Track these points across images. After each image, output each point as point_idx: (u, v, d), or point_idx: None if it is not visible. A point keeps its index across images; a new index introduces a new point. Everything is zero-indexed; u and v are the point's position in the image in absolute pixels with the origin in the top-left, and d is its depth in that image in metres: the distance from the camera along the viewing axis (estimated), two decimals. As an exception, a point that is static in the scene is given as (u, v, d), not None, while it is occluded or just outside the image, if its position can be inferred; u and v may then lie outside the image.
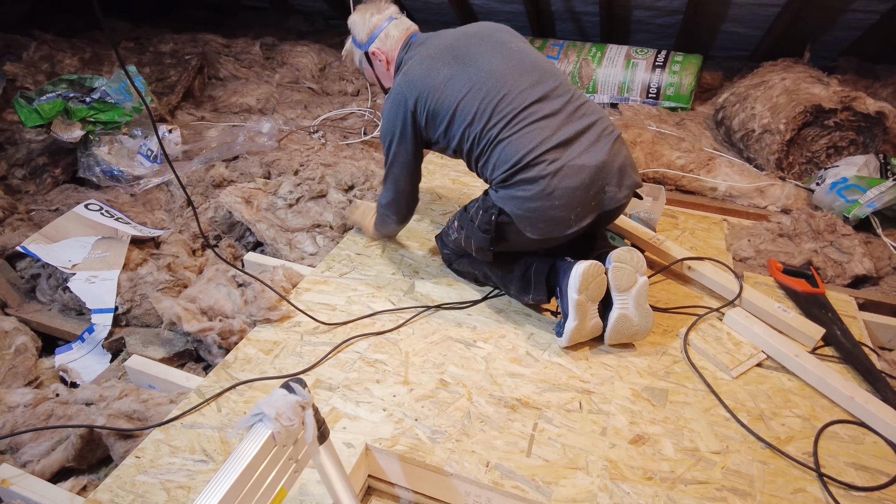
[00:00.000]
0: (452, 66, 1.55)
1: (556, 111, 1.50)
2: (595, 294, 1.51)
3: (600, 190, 1.49)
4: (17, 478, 1.24)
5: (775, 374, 1.54)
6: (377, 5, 1.74)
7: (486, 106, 1.50)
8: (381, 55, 1.72)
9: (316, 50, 3.78)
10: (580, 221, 1.49)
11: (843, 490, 1.24)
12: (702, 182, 2.42)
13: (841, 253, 1.98)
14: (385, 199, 1.79)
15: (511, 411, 1.39)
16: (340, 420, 1.35)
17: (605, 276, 1.51)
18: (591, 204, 1.49)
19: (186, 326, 1.58)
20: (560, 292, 1.54)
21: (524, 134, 1.47)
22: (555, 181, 1.44)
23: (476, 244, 1.61)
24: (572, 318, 1.50)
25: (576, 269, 1.48)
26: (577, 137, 1.49)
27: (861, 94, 2.28)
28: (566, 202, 1.46)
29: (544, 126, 1.48)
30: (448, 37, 1.63)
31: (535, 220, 1.50)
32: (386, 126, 1.64)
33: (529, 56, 1.58)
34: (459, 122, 1.54)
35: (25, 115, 2.17)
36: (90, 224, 2.03)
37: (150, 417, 1.41)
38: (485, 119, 1.51)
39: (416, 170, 1.71)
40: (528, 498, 1.19)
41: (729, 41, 3.44)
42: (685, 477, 1.25)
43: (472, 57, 1.56)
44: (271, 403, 0.93)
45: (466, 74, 1.53)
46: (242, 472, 0.86)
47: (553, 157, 1.45)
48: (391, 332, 1.62)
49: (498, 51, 1.56)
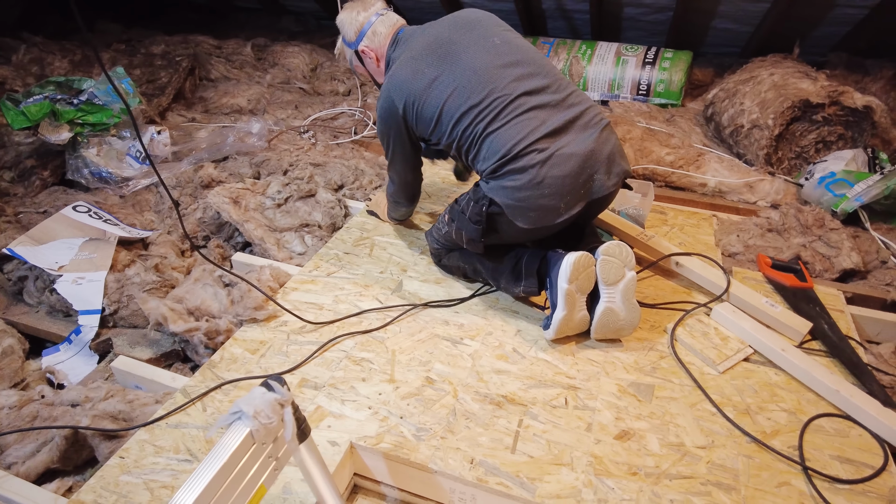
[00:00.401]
0: (437, 66, 1.56)
1: (544, 102, 1.51)
2: (584, 285, 1.51)
3: (589, 178, 1.50)
4: (2, 479, 1.24)
5: (762, 368, 1.54)
6: (363, 3, 1.75)
7: (472, 103, 1.51)
8: (371, 52, 1.73)
9: (307, 50, 3.78)
10: (570, 210, 1.50)
11: (827, 483, 1.24)
12: (691, 178, 2.42)
13: (829, 247, 1.98)
14: (392, 189, 1.90)
15: (497, 408, 1.38)
16: (325, 419, 1.35)
17: (594, 269, 1.52)
18: (580, 192, 1.50)
19: (173, 327, 1.58)
20: (550, 282, 1.54)
21: (512, 125, 1.48)
22: (543, 170, 1.46)
23: (467, 236, 1.63)
24: (561, 308, 1.50)
25: (567, 259, 1.49)
26: (566, 127, 1.50)
27: (848, 89, 2.28)
28: (555, 191, 1.47)
29: (532, 117, 1.49)
30: (432, 33, 1.63)
31: (525, 210, 1.50)
32: (381, 127, 1.71)
33: (515, 47, 1.59)
34: (447, 121, 1.55)
35: (12, 117, 2.16)
36: (78, 226, 2.02)
37: (135, 418, 1.41)
38: (472, 115, 1.52)
39: (416, 161, 1.80)
40: (512, 494, 1.19)
41: (719, 38, 3.45)
42: (670, 472, 1.25)
43: (456, 54, 1.56)
44: (250, 401, 0.93)
45: (451, 74, 1.54)
46: (220, 470, 0.85)
47: (542, 146, 1.46)
48: (378, 330, 1.62)
49: (482, 45, 1.57)
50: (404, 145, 1.70)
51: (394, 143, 1.70)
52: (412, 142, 1.70)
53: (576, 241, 1.70)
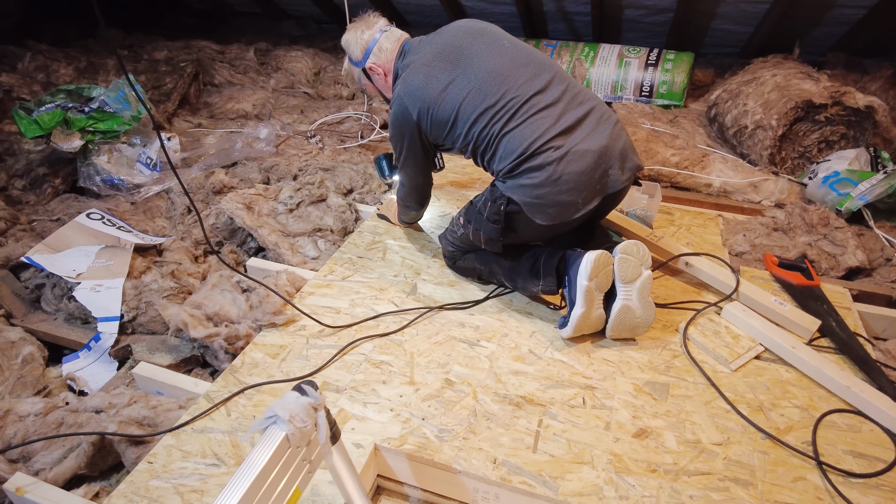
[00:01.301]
0: (450, 71, 1.59)
1: (555, 100, 1.54)
2: (603, 283, 1.55)
3: (604, 173, 1.54)
4: (32, 486, 1.26)
5: (773, 365, 1.57)
6: (366, 21, 1.78)
7: (488, 104, 1.55)
8: (379, 68, 1.76)
9: (310, 55, 3.80)
10: (587, 204, 1.54)
11: (841, 477, 1.27)
12: (696, 179, 2.46)
13: (834, 245, 2.01)
14: (402, 193, 1.93)
15: (516, 408, 1.41)
16: (349, 421, 1.37)
17: (612, 267, 1.55)
18: (596, 187, 1.54)
19: (193, 332, 1.60)
20: (569, 280, 1.58)
21: (528, 125, 1.52)
22: (560, 167, 1.49)
23: (486, 235, 1.66)
24: (580, 305, 1.53)
25: (587, 257, 1.53)
26: (578, 124, 1.54)
27: (850, 89, 2.31)
28: (573, 186, 1.51)
29: (546, 116, 1.53)
30: (440, 42, 1.66)
31: (543, 206, 1.54)
32: (393, 133, 1.73)
33: (523, 50, 1.63)
34: (462, 123, 1.59)
35: (25, 126, 2.18)
36: (92, 233, 2.04)
37: (160, 423, 1.43)
38: (488, 117, 1.55)
39: (427, 165, 1.81)
40: (535, 493, 1.22)
41: (719, 38, 3.48)
42: (688, 468, 1.28)
43: (468, 58, 1.59)
44: (284, 406, 0.95)
45: (465, 77, 1.57)
46: (259, 474, 0.88)
47: (557, 143, 1.50)
48: (395, 333, 1.64)
49: (493, 48, 1.61)
50: (416, 150, 1.72)
51: (406, 149, 1.72)
52: (424, 147, 1.72)
53: (585, 241, 1.74)
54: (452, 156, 2.72)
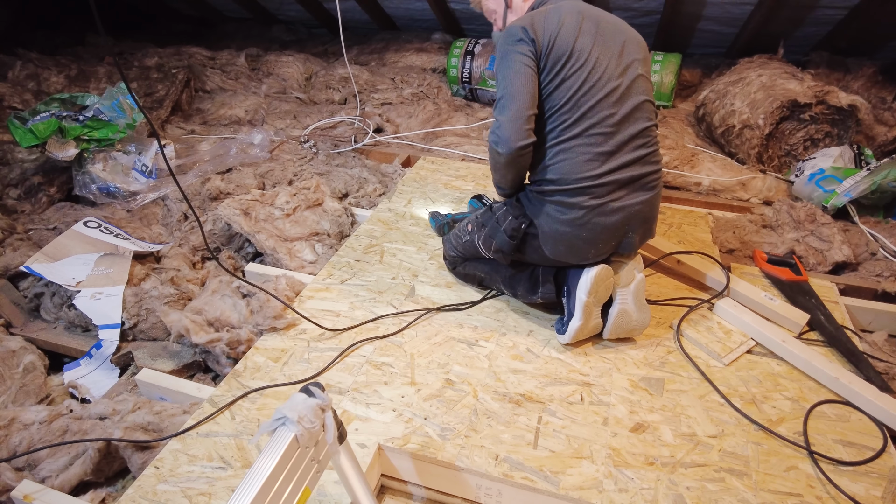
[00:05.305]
0: (585, 37, 1.47)
1: (613, 128, 1.47)
2: (602, 296, 1.58)
3: (624, 235, 1.55)
4: (39, 493, 1.27)
5: (765, 359, 1.61)
6: None
7: (581, 88, 1.45)
8: None
9: (301, 59, 3.82)
10: (597, 258, 1.56)
11: (832, 465, 1.31)
12: (686, 177, 2.50)
13: (821, 241, 2.06)
14: (498, 115, 1.49)
15: (516, 406, 1.44)
16: (352, 422, 1.40)
17: (612, 280, 1.58)
18: (611, 244, 1.55)
19: (195, 338, 1.61)
20: (567, 291, 1.60)
21: (580, 153, 1.46)
22: (590, 216, 1.49)
23: (497, 246, 1.65)
24: (578, 318, 1.56)
25: (588, 273, 1.54)
26: (624, 171, 1.48)
27: (834, 89, 2.37)
28: (594, 237, 1.51)
29: (598, 144, 1.46)
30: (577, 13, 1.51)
31: (558, 243, 1.55)
32: (501, 51, 1.50)
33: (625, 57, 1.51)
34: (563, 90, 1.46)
35: (21, 135, 2.18)
36: (90, 241, 2.05)
37: (164, 428, 1.44)
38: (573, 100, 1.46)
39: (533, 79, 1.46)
40: (537, 488, 1.25)
41: (705, 39, 3.54)
42: (685, 461, 1.31)
43: (597, 41, 1.48)
44: (293, 407, 0.97)
45: (594, 54, 1.47)
46: (271, 474, 0.90)
47: (599, 192, 1.47)
48: (395, 335, 1.67)
49: (612, 50, 1.50)
50: (523, 54, 1.45)
51: (514, 72, 1.45)
52: (530, 65, 1.46)
53: None
54: (449, 156, 2.74)
